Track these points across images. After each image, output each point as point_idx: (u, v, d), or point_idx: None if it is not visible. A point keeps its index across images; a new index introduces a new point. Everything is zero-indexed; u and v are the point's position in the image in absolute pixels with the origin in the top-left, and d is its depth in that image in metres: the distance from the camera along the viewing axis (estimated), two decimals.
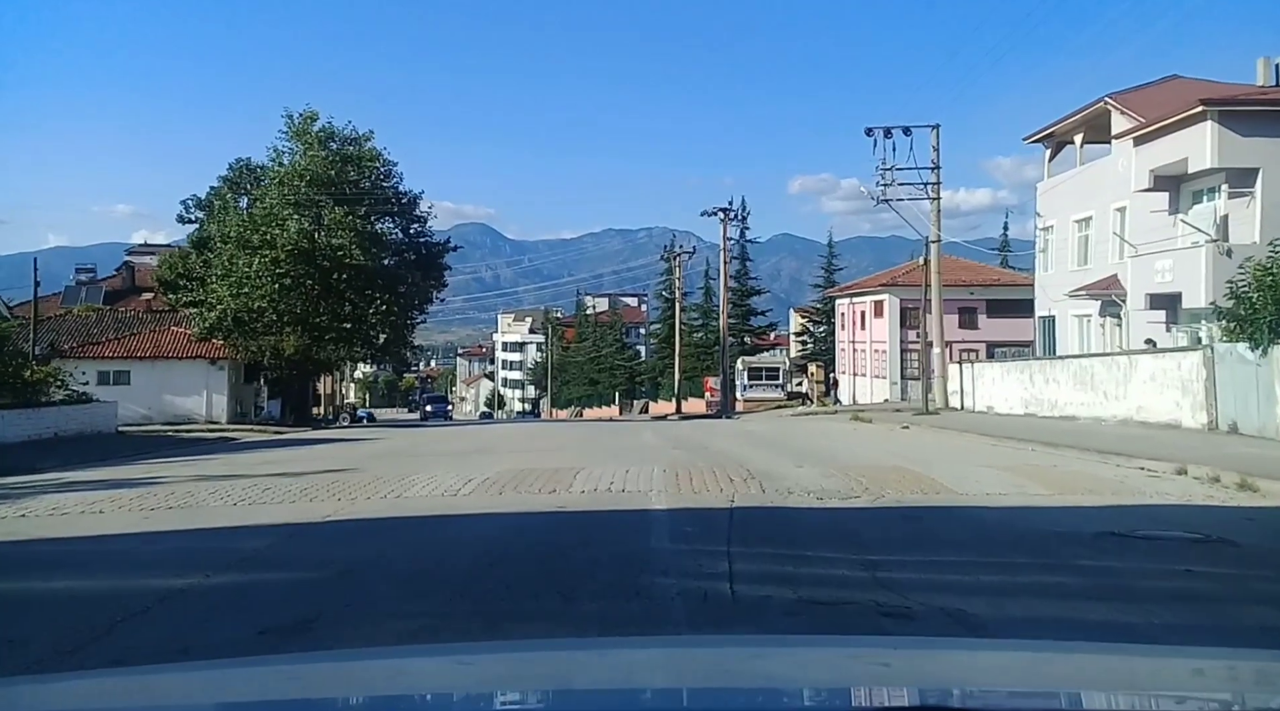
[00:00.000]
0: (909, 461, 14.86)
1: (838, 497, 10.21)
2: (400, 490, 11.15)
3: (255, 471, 15.27)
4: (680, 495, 10.38)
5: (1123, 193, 27.49)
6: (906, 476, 12.05)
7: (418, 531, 8.38)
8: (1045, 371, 26.05)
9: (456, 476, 12.37)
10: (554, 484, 11.36)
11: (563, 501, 9.97)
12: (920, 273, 47.88)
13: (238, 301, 38.24)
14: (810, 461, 14.91)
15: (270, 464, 17.41)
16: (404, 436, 29.03)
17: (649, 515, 9.03)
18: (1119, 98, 28.21)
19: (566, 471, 12.71)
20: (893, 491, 10.67)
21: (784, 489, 10.85)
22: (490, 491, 10.89)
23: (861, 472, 12.46)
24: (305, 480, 12.64)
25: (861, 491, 10.70)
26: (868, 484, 11.29)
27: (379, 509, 9.66)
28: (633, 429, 29.80)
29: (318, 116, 42.29)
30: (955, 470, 13.02)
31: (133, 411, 38.03)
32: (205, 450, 24.24)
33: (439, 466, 14.96)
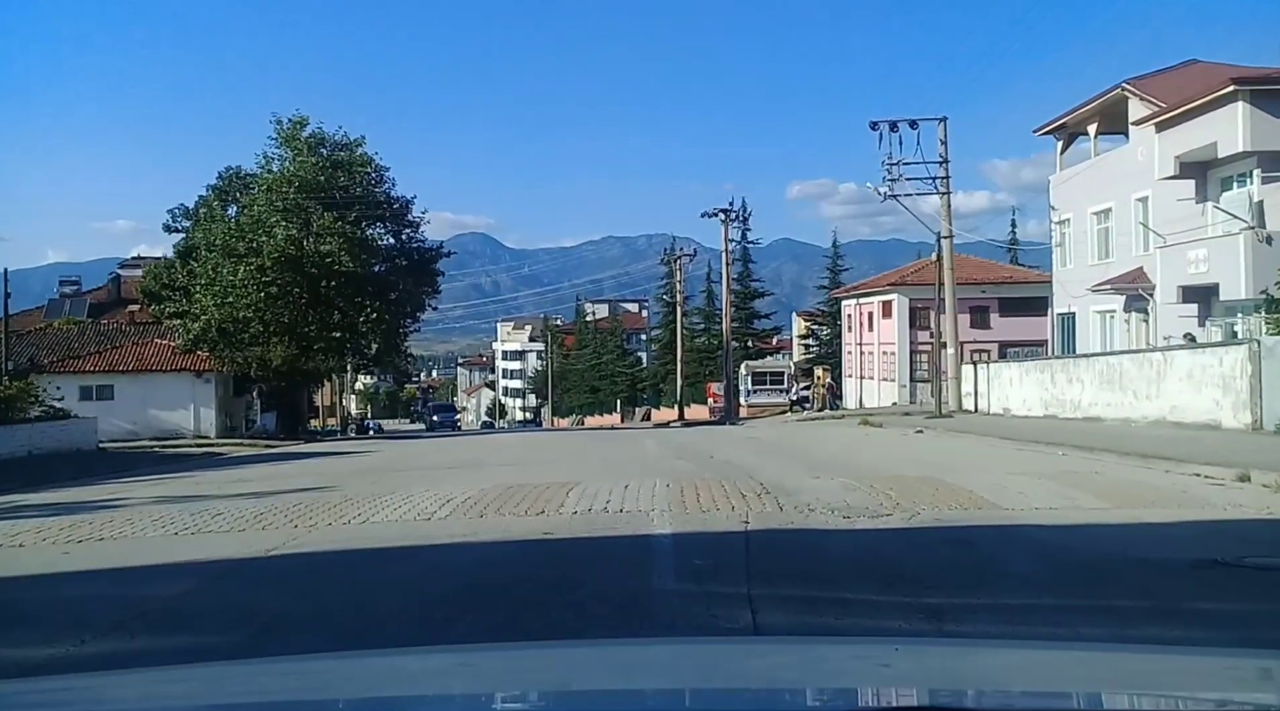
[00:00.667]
0: (935, 469, 13.53)
1: (867, 515, 8.88)
2: (369, 513, 9.82)
3: (222, 491, 13.98)
4: (686, 515, 9.05)
5: (1144, 182, 26.20)
6: (938, 488, 10.71)
7: (372, 569, 7.05)
8: (1068, 370, 24.68)
9: (436, 496, 11.04)
10: (543, 503, 10.03)
11: (551, 525, 8.64)
12: (930, 271, 46.54)
13: (222, 311, 36.92)
14: (827, 471, 13.59)
15: (242, 482, 16.10)
16: (397, 449, 27.73)
17: (650, 542, 7.70)
18: (1137, 83, 26.93)
19: (559, 487, 11.38)
20: (927, 507, 9.34)
21: (803, 505, 9.52)
22: (470, 514, 9.55)
23: (887, 484, 11.12)
24: (268, 502, 11.31)
25: (892, 507, 9.37)
26: (897, 498, 9.95)
27: (336, 539, 8.33)
28: (634, 437, 28.47)
29: (307, 122, 41.06)
30: (989, 479, 11.68)
31: (117, 427, 36.81)
32: (184, 467, 22.94)
33: (421, 483, 13.64)
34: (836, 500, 9.88)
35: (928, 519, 8.68)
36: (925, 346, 45.84)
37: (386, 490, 12.12)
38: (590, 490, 11.06)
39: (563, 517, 9.12)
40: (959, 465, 14.47)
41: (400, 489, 12.27)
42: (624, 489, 11.08)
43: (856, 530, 8.16)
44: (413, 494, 11.41)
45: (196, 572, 6.93)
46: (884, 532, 7.97)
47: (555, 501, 10.17)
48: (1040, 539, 7.70)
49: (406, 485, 13.12)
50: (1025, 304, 45.37)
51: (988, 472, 12.99)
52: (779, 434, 27.62)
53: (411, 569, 7.00)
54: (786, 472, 13.56)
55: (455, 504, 10.26)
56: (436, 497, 10.91)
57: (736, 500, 9.98)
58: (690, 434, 30.20)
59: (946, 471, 13.12)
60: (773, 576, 6.24)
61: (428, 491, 11.65)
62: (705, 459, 17.30)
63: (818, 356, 59.67)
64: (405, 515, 9.61)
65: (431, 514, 9.60)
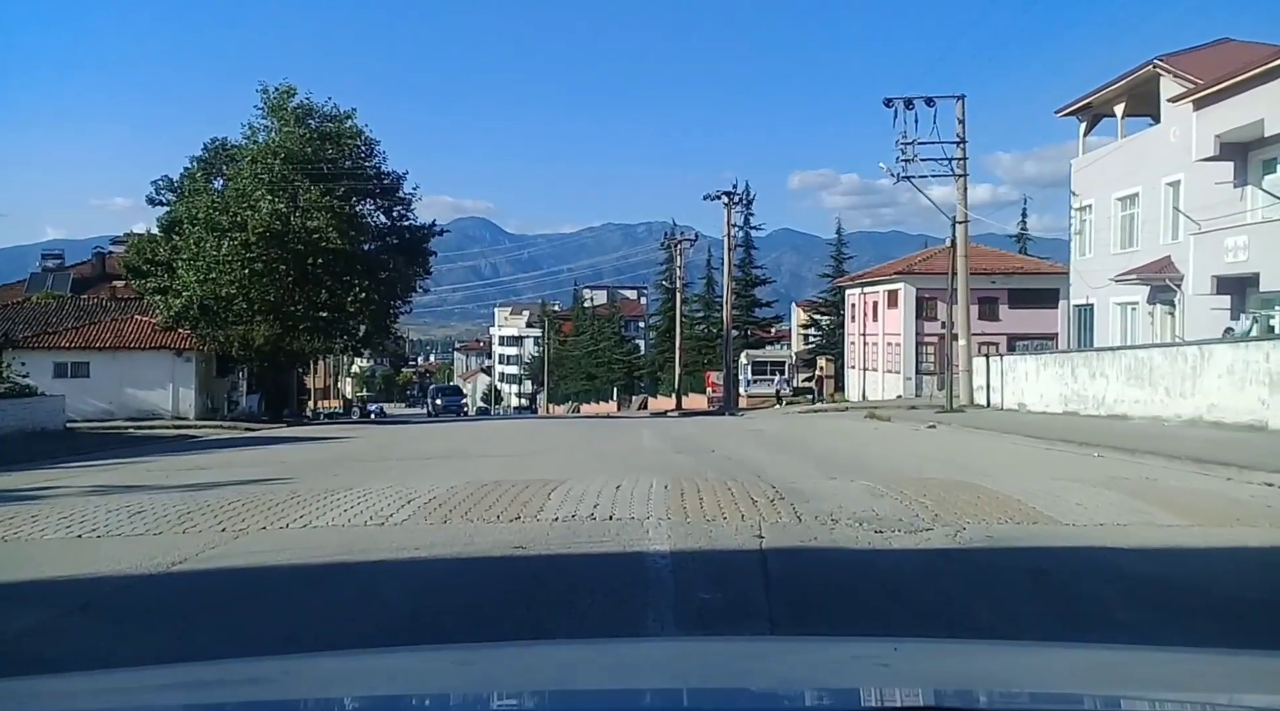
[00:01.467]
0: (965, 472, 12.08)
1: (904, 529, 7.43)
2: (313, 515, 8.35)
3: (170, 481, 12.53)
4: (688, 526, 7.58)
5: (1176, 165, 24.70)
6: (979, 495, 9.25)
7: (287, 595, 5.59)
8: (1090, 365, 23.22)
9: (398, 494, 9.57)
10: (520, 506, 8.56)
11: (525, 536, 7.19)
12: (939, 260, 45.05)
13: (205, 288, 35.35)
14: (843, 471, 12.15)
15: (198, 470, 14.65)
16: (383, 435, 26.26)
17: (644, 564, 6.23)
18: (1169, 60, 25.38)
19: (541, 486, 9.93)
20: (972, 520, 7.89)
21: (825, 515, 8.07)
22: (432, 518, 8.08)
23: (917, 489, 9.67)
24: (207, 497, 9.85)
25: (930, 518, 7.92)
26: (933, 506, 8.50)
27: (262, 549, 6.86)
28: (630, 427, 26.99)
29: (295, 91, 39.31)
30: (1034, 486, 10.22)
31: (92, 406, 35.30)
32: (149, 450, 21.46)
33: (389, 476, 12.17)
34: (863, 509, 8.42)
35: (977, 536, 7.22)
36: (932, 338, 44.41)
37: (345, 485, 10.65)
38: (577, 490, 9.60)
39: (540, 526, 7.66)
40: (990, 467, 13.02)
41: (362, 483, 10.80)
42: (615, 490, 9.61)
43: (897, 551, 6.70)
44: (373, 490, 9.93)
45: (64, 595, 5.47)
46: (931, 555, 6.52)
47: (535, 504, 8.70)
48: (1127, 568, 6.25)
49: (371, 478, 11.65)
50: (1035, 295, 43.95)
51: (1026, 476, 11.56)
52: (782, 426, 26.17)
53: (339, 595, 5.52)
54: (798, 472, 12.11)
55: (418, 504, 8.79)
56: (398, 496, 9.43)
57: (746, 506, 8.52)
58: (689, 424, 28.75)
59: (979, 474, 11.69)
60: (806, 618, 4.81)
61: (391, 488, 10.17)
62: (706, 453, 15.86)
63: (820, 346, 58.13)
64: (355, 518, 8.13)
65: (387, 517, 8.13)
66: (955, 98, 30.12)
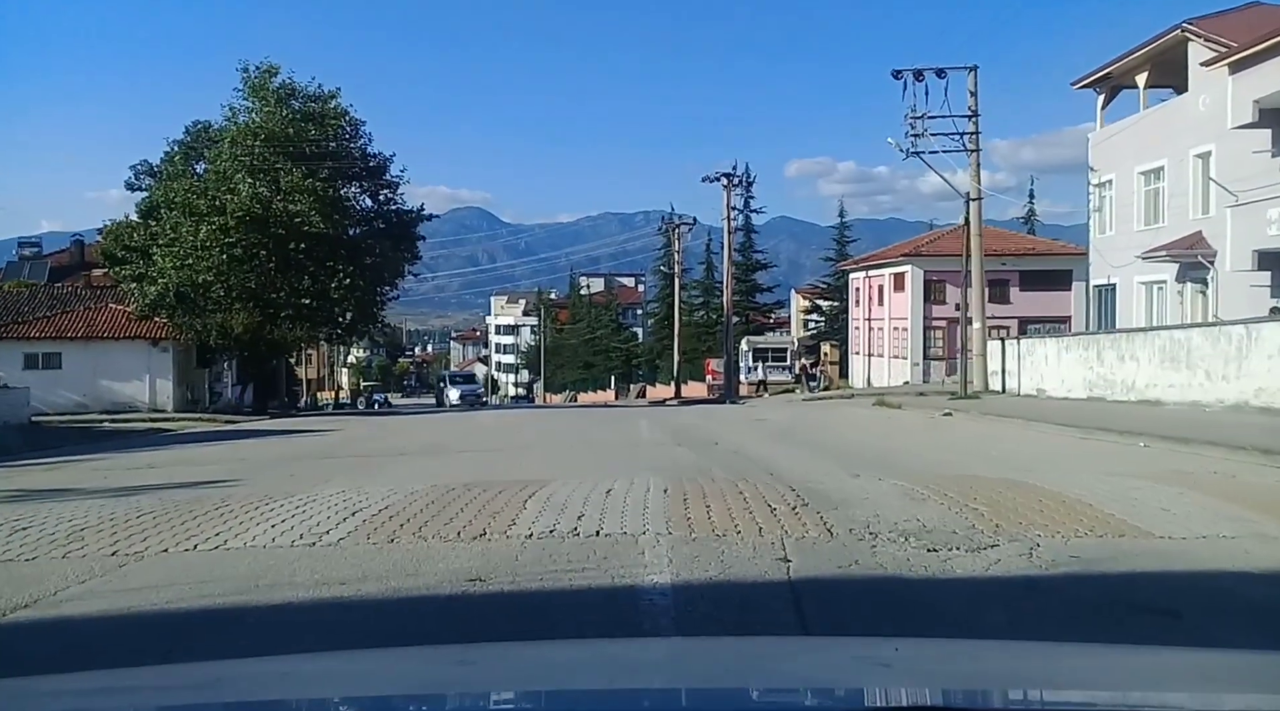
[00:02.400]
0: (1007, 467, 10.59)
1: (963, 547, 5.92)
2: (235, 531, 6.83)
3: (106, 483, 11.03)
4: (695, 546, 6.07)
5: (1206, 134, 23.15)
6: (1038, 499, 7.74)
7: (139, 662, 4.05)
8: (1119, 347, 21.70)
9: (346, 501, 8.05)
10: (489, 518, 7.06)
11: (487, 561, 5.68)
12: (947, 242, 43.58)
13: (181, 274, 33.79)
14: (866, 466, 10.65)
15: (145, 470, 13.17)
16: (366, 427, 24.72)
17: (638, 606, 4.71)
18: (1199, 23, 23.78)
19: (520, 489, 8.43)
20: (1042, 531, 6.40)
21: (860, 526, 6.57)
22: (376, 535, 6.56)
23: (961, 490, 8.17)
24: (130, 504, 8.36)
25: (991, 530, 6.42)
26: (988, 513, 7.00)
27: (147, 582, 5.34)
28: (627, 417, 25.47)
29: (277, 70, 37.59)
30: (1094, 484, 8.71)
31: (65, 399, 33.84)
32: (112, 446, 19.98)
33: (350, 476, 10.68)
34: (905, 518, 6.92)
35: (1058, 556, 5.72)
36: (940, 322, 42.89)
37: (291, 489, 9.13)
38: (560, 495, 8.09)
39: (509, 546, 6.14)
40: (1030, 460, 11.53)
41: (313, 487, 9.28)
42: (605, 494, 8.09)
43: (964, 580, 5.19)
44: (319, 497, 8.41)
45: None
46: (1012, 587, 5.01)
47: (507, 515, 7.19)
48: (1272, 604, 4.74)
49: (329, 479, 10.15)
50: (1048, 277, 42.43)
51: (1076, 471, 10.06)
52: (788, 415, 24.67)
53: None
54: (815, 469, 10.61)
55: (365, 516, 7.27)
56: (346, 504, 7.91)
57: (763, 516, 7.01)
58: (689, 414, 27.25)
59: (1021, 469, 10.20)
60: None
61: (344, 492, 8.65)
62: (709, 447, 14.37)
63: (823, 332, 56.58)
64: (283, 535, 6.60)
65: (321, 534, 6.60)
66: (967, 69, 28.53)
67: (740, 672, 2.11)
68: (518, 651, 2.90)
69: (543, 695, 2.02)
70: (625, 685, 2.01)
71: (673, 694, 1.99)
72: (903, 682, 1.90)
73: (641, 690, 1.97)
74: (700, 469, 10.78)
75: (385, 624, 4.53)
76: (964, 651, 2.69)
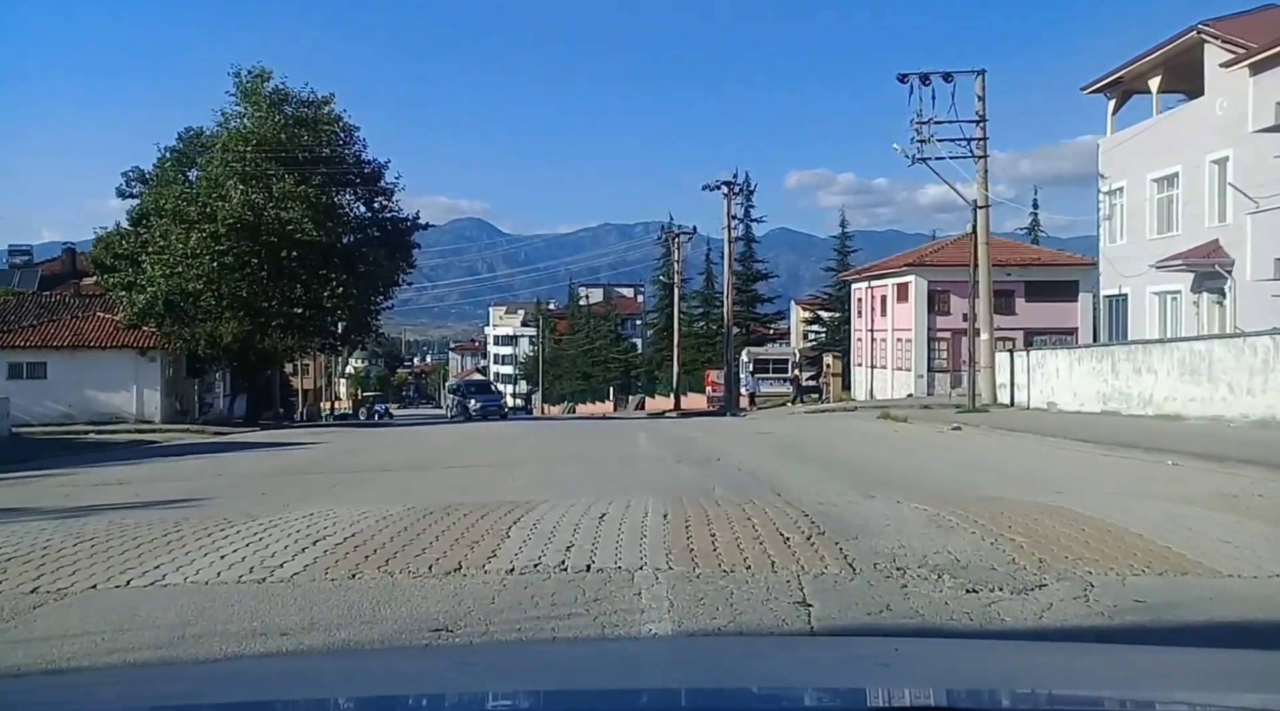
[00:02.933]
0: (1034, 487, 9.84)
1: (1007, 587, 5.15)
2: (180, 562, 6.04)
3: (67, 501, 10.30)
4: (699, 585, 5.28)
5: (1223, 139, 22.46)
6: (1081, 528, 6.96)
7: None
8: (1135, 359, 20.94)
9: (312, 528, 7.26)
10: (467, 547, 6.28)
11: (459, 604, 4.90)
12: (951, 251, 42.86)
13: (170, 283, 32.99)
14: (881, 486, 9.89)
15: (114, 486, 12.46)
16: (349, 439, 23.95)
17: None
18: (1216, 25, 23.10)
19: (506, 512, 7.66)
20: (1093, 567, 5.63)
21: (886, 560, 5.80)
22: (337, 568, 5.78)
23: (991, 515, 7.40)
24: (77, 527, 7.60)
25: (1035, 566, 5.65)
26: (1027, 544, 6.23)
27: (56, 630, 4.54)
28: (625, 430, 24.68)
29: (270, 75, 36.80)
30: (1135, 508, 7.94)
31: (50, 409, 33.01)
32: (89, 460, 19.19)
33: (326, 496, 9.91)
34: (932, 548, 6.15)
35: (1119, 598, 4.94)
36: (944, 333, 42.14)
37: (258, 510, 8.35)
38: (549, 520, 7.31)
39: (486, 584, 5.35)
40: (1055, 479, 10.76)
41: (279, 508, 8.50)
42: (599, 519, 7.32)
43: (1016, 631, 4.40)
44: (284, 519, 7.63)
45: None
46: (1076, 638, 4.22)
47: (487, 543, 6.41)
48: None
49: (298, 499, 9.36)
50: (1053, 288, 41.73)
51: (1112, 494, 9.29)
52: (791, 428, 23.89)
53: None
54: (826, 488, 9.84)
55: (329, 544, 6.49)
56: (311, 529, 7.13)
57: (775, 546, 6.23)
58: (688, 426, 26.47)
59: (1048, 490, 9.48)
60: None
61: (309, 515, 7.87)
62: (711, 462, 13.60)
63: (824, 343, 55.82)
64: (230, 568, 5.81)
65: (276, 567, 5.82)
66: (974, 72, 27.89)
67: (740, 672, 2.10)
68: (518, 651, 2.96)
69: (542, 695, 1.99)
70: (625, 685, 1.99)
71: (673, 694, 1.96)
72: (903, 682, 1.89)
73: (641, 690, 1.95)
74: (702, 488, 10.01)
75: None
76: (964, 651, 2.73)
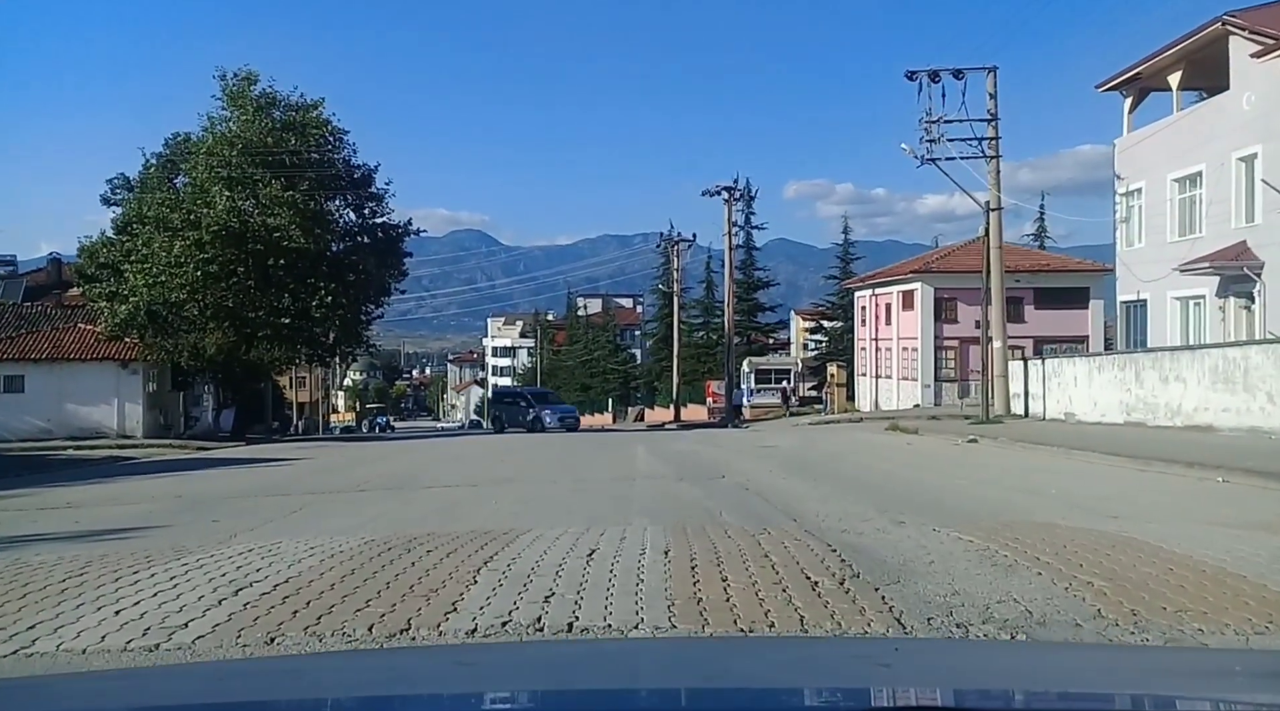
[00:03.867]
0: (1082, 510, 8.70)
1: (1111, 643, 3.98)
2: (61, 620, 4.86)
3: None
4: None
5: (1251, 135, 21.38)
6: (1169, 566, 5.80)
7: None
8: (1161, 367, 19.80)
9: (242, 568, 6.09)
10: (424, 596, 5.12)
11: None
12: (957, 257, 41.72)
13: (153, 292, 31.83)
14: (910, 509, 8.75)
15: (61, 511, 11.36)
16: (333, 455, 22.70)
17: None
18: (1242, 15, 22.01)
19: (479, 547, 6.52)
20: (1201, 622, 4.50)
21: (942, 613, 4.65)
22: (253, 631, 4.59)
23: (1050, 548, 6.26)
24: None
25: (1126, 619, 4.51)
26: (1109, 589, 5.09)
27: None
28: (624, 443, 23.48)
29: (257, 78, 35.69)
30: (1227, 543, 6.77)
31: (28, 424, 31.87)
32: (54, 478, 18.09)
33: (281, 523, 8.75)
34: (993, 594, 5.00)
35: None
36: (951, 342, 41.01)
37: (197, 543, 7.19)
38: (528, 557, 6.15)
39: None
40: (1103, 501, 9.60)
41: (221, 541, 7.33)
42: (587, 556, 6.15)
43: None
44: (217, 556, 6.47)
45: None
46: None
47: (450, 590, 5.25)
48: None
49: (249, 528, 8.20)
50: (1064, 295, 40.60)
51: (1177, 519, 8.16)
52: (797, 441, 22.69)
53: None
54: (848, 511, 8.70)
55: (257, 592, 5.32)
56: (243, 570, 5.95)
57: (801, 592, 5.07)
58: (689, 439, 25.28)
59: (1104, 515, 8.34)
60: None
61: (248, 551, 6.70)
62: (715, 479, 12.46)
63: (827, 353, 54.64)
64: (123, 628, 4.64)
65: (178, 626, 4.65)
66: (986, 69, 26.85)
67: (740, 672, 2.06)
68: (518, 651, 3.14)
69: (542, 695, 1.95)
70: (625, 685, 1.96)
71: (673, 694, 1.91)
72: (903, 682, 1.87)
73: (641, 690, 1.93)
74: (708, 512, 8.85)
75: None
76: (964, 651, 2.88)
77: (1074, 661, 2.26)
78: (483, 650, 3.14)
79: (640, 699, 1.87)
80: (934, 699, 1.76)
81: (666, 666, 2.23)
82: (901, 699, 1.75)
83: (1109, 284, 38.63)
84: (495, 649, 3.21)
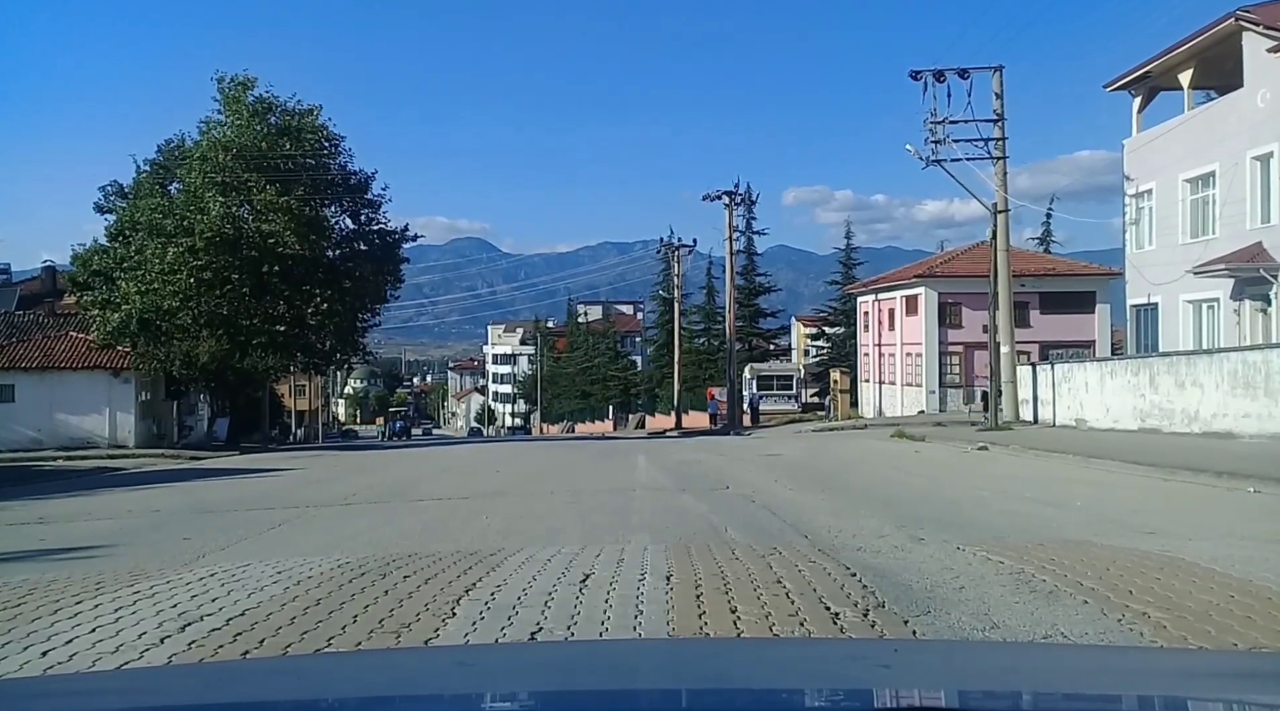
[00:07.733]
0: (1120, 527, 8.12)
1: None
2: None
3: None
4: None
5: (1266, 134, 20.85)
6: (1233, 595, 5.22)
7: None
8: (1177, 371, 19.21)
9: (197, 599, 5.51)
10: (392, 634, 4.54)
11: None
12: (961, 262, 41.19)
13: (145, 300, 31.28)
14: (926, 523, 8.18)
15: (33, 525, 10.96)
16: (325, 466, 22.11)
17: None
18: (1256, 11, 21.47)
19: (462, 573, 5.93)
20: None
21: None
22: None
23: (1095, 572, 5.68)
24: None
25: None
26: (1169, 622, 4.53)
27: None
28: (624, 452, 22.87)
29: (254, 83, 35.22)
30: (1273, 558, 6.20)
31: (19, 434, 31.31)
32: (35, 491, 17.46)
33: (253, 543, 8.16)
34: (1039, 629, 4.43)
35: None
36: (956, 347, 40.44)
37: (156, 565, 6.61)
38: (515, 584, 5.56)
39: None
40: (1135, 514, 9.01)
41: (184, 563, 6.75)
42: (580, 583, 5.56)
43: None
44: (165, 585, 5.87)
45: None
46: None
47: (424, 624, 4.66)
48: None
49: (215, 549, 7.61)
50: (1070, 300, 40.00)
51: (1221, 535, 7.55)
52: (802, 450, 22.08)
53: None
54: (863, 528, 8.11)
55: (205, 629, 4.73)
56: (196, 601, 5.36)
57: (821, 629, 4.48)
58: (691, 447, 24.69)
59: (1139, 530, 7.76)
60: None
61: (207, 578, 6.11)
62: (719, 491, 11.87)
63: (830, 359, 54.04)
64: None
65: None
66: (992, 68, 26.29)
67: (740, 673, 2.06)
68: (518, 651, 3.13)
69: (542, 695, 1.95)
70: (625, 685, 1.96)
71: (673, 694, 1.91)
72: (905, 683, 1.86)
73: (641, 690, 1.92)
74: (712, 529, 8.27)
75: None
76: (965, 652, 2.82)
77: (1078, 661, 2.24)
78: (483, 651, 3.16)
79: (641, 699, 1.86)
80: (938, 699, 1.73)
81: (667, 667, 2.21)
82: (905, 699, 1.72)
83: (1115, 288, 38.09)
84: (496, 649, 3.24)
